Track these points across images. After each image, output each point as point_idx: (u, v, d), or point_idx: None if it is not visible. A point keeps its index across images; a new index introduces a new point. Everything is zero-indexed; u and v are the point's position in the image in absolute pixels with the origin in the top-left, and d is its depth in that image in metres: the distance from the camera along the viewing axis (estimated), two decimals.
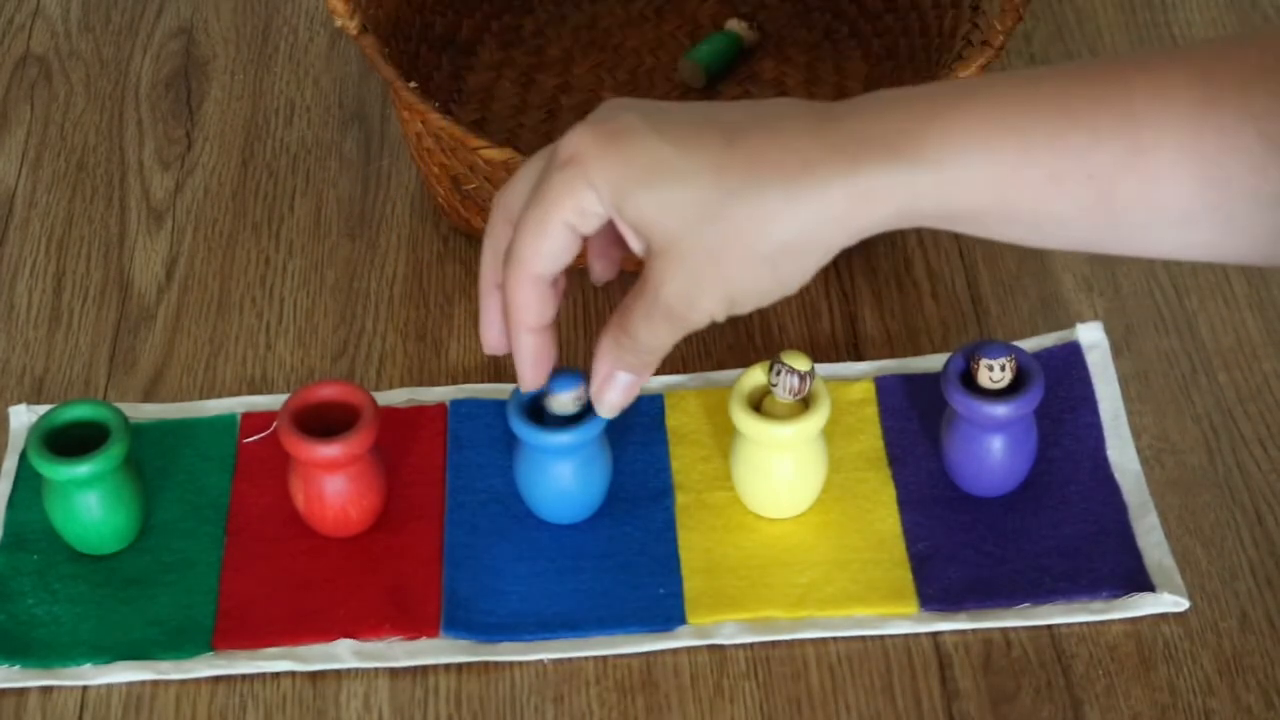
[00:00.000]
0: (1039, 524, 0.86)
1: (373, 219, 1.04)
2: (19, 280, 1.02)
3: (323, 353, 0.97)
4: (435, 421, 0.92)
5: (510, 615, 0.84)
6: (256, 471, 0.90)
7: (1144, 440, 0.90)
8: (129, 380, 0.96)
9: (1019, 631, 0.83)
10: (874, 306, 0.98)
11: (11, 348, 0.98)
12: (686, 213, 0.71)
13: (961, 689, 0.81)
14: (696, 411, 0.92)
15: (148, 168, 1.08)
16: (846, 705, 0.81)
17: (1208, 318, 0.96)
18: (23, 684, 0.82)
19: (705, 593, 0.84)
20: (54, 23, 1.18)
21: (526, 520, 0.88)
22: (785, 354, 0.84)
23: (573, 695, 0.82)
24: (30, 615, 0.84)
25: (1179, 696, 0.80)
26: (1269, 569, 0.85)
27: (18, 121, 1.11)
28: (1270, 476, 0.89)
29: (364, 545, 0.87)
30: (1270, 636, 0.82)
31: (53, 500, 0.85)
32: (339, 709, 0.82)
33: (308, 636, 0.83)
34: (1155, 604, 0.83)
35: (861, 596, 0.84)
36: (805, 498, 0.87)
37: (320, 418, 0.85)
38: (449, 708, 0.82)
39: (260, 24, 1.17)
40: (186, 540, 0.87)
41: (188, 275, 1.01)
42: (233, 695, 0.82)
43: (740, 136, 0.71)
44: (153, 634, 0.84)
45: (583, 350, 0.96)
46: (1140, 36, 1.12)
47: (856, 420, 0.91)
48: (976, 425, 0.85)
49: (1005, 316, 0.97)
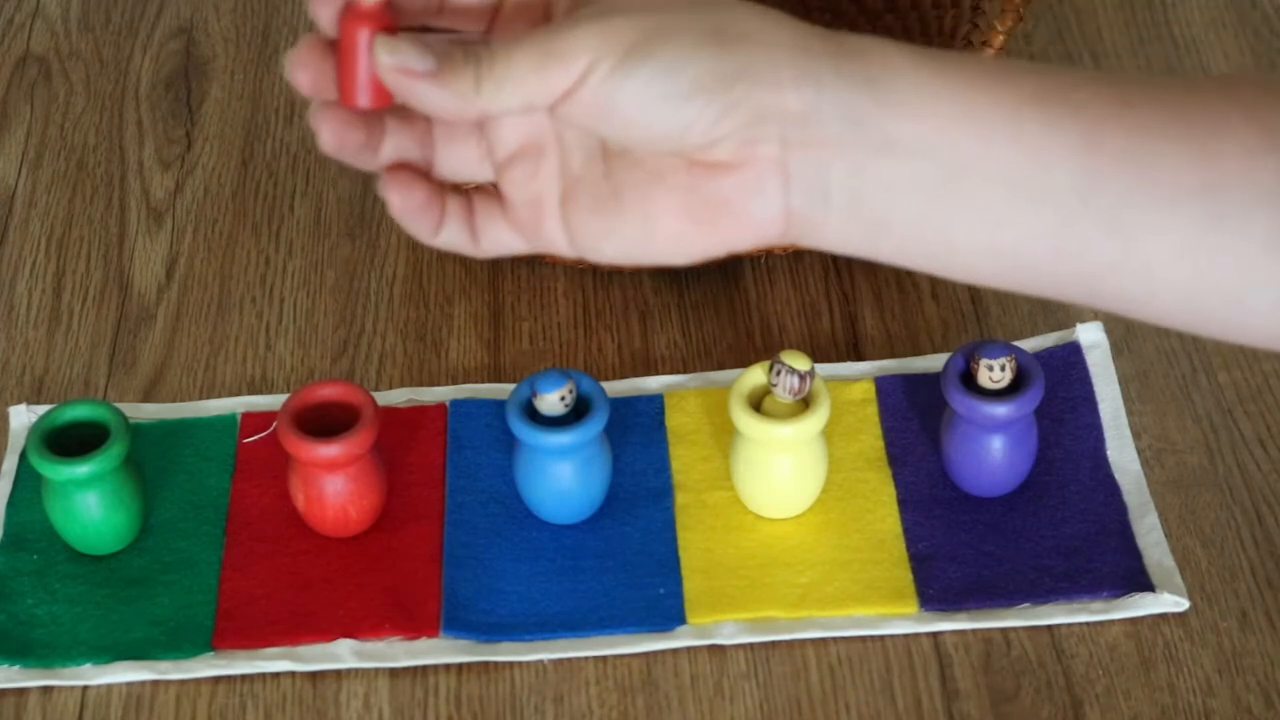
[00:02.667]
0: (1039, 524, 0.86)
1: (373, 219, 1.04)
2: (19, 280, 1.02)
3: (323, 353, 0.97)
4: (435, 421, 0.92)
5: (510, 615, 0.84)
6: (256, 471, 0.90)
7: (1144, 440, 0.90)
8: (129, 380, 0.96)
9: (1019, 631, 0.83)
10: (874, 306, 0.98)
11: (11, 348, 0.98)
12: None
13: (961, 689, 0.81)
14: (696, 411, 0.92)
15: (148, 168, 1.08)
16: (846, 705, 0.81)
17: None
18: (23, 684, 0.82)
19: (705, 593, 0.84)
20: (54, 23, 1.18)
21: (526, 520, 0.88)
22: (785, 354, 0.84)
23: (573, 695, 0.82)
24: (30, 615, 0.84)
25: (1179, 696, 0.81)
26: (1269, 569, 0.85)
27: (18, 121, 1.11)
28: (1270, 476, 0.89)
29: (364, 545, 0.87)
30: (1270, 636, 0.82)
31: (53, 500, 0.85)
32: (339, 709, 0.82)
33: (308, 636, 0.83)
34: (1155, 604, 0.83)
35: (861, 596, 0.84)
36: (805, 498, 0.87)
37: (320, 418, 0.85)
38: (449, 708, 0.82)
39: (260, 24, 1.17)
40: (186, 540, 0.87)
41: (188, 275, 1.01)
42: (233, 695, 0.82)
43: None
44: (153, 634, 0.84)
45: (582, 351, 0.96)
46: (1140, 36, 1.12)
47: (856, 420, 0.91)
48: (976, 425, 0.85)
49: (1005, 316, 0.97)
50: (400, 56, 0.62)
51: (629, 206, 0.64)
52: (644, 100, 0.60)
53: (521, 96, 0.61)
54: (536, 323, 0.98)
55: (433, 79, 0.61)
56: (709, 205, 0.62)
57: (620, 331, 0.97)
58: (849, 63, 0.61)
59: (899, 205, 0.62)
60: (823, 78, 0.61)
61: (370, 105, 0.63)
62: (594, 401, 0.85)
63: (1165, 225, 0.62)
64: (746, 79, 0.60)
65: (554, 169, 0.65)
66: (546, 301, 0.99)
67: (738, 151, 0.61)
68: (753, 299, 0.99)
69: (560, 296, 0.99)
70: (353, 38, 0.63)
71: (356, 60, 0.63)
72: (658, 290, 1.00)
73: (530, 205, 0.65)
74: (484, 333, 0.98)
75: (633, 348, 0.97)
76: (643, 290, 1.00)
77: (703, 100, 0.60)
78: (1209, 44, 1.11)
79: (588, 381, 0.86)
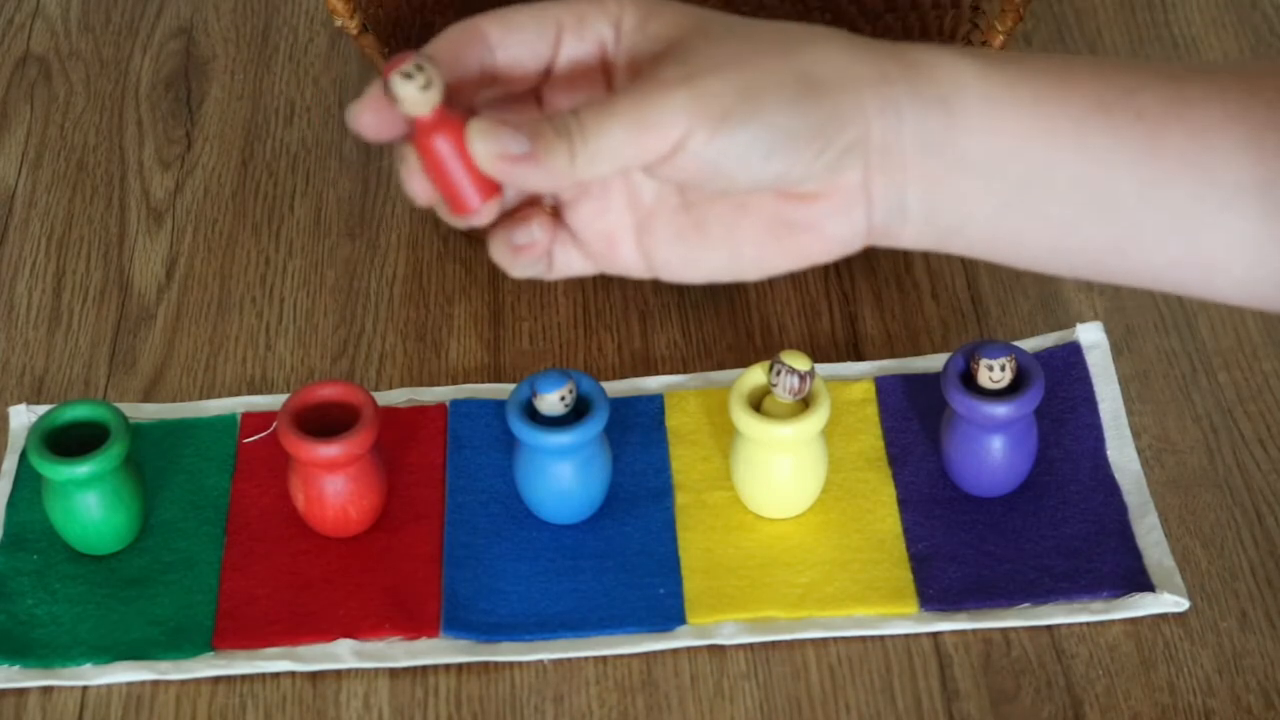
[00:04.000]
0: (1039, 524, 0.86)
1: (373, 219, 1.04)
2: (19, 280, 1.02)
3: (323, 353, 0.97)
4: (435, 421, 0.92)
5: (510, 615, 0.84)
6: (256, 471, 0.90)
7: (1144, 440, 0.90)
8: (129, 380, 0.96)
9: (1019, 631, 0.83)
10: (874, 306, 0.98)
11: (11, 348, 0.98)
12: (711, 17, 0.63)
13: (961, 689, 0.81)
14: (696, 411, 0.92)
15: (148, 168, 1.08)
16: (846, 705, 0.81)
17: (1208, 317, 0.96)
18: (23, 684, 0.82)
19: (705, 593, 0.84)
20: (54, 23, 1.18)
21: (526, 520, 0.88)
22: (785, 354, 0.84)
23: (573, 695, 0.82)
24: (30, 615, 0.84)
25: (1179, 696, 0.81)
26: (1269, 569, 0.85)
27: (18, 121, 1.11)
28: (1270, 476, 0.89)
29: (364, 545, 0.87)
30: (1270, 636, 0.82)
31: (53, 500, 0.85)
32: (339, 709, 0.82)
33: (308, 636, 0.83)
34: (1155, 604, 0.83)
35: (861, 596, 0.84)
36: (805, 498, 0.87)
37: (320, 418, 0.85)
38: (449, 708, 0.82)
39: (260, 24, 1.17)
40: (186, 540, 0.87)
41: (188, 275, 1.01)
42: (233, 695, 0.82)
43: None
44: (153, 634, 0.84)
45: (582, 351, 0.96)
46: (1140, 36, 1.12)
47: (856, 420, 0.91)
48: (976, 425, 0.85)
49: (1005, 316, 0.97)
50: (497, 143, 0.61)
51: (714, 236, 0.65)
52: (744, 161, 0.61)
53: (618, 165, 0.61)
54: (536, 323, 0.98)
55: (529, 160, 0.61)
56: (795, 230, 0.64)
57: (620, 331, 0.97)
58: (925, 85, 0.63)
59: (971, 215, 0.65)
60: (901, 106, 0.63)
61: (483, 203, 0.62)
62: (594, 401, 0.85)
63: (1225, 221, 0.64)
64: (837, 122, 0.62)
65: (623, 204, 0.65)
66: (546, 301, 0.99)
67: (824, 183, 0.63)
68: (753, 299, 0.99)
69: (560, 296, 0.99)
70: (432, 149, 0.62)
71: (447, 168, 0.62)
72: (658, 290, 1.00)
73: (603, 239, 0.66)
74: (484, 333, 0.98)
75: (633, 348, 0.97)
76: (643, 290, 1.00)
77: (799, 151, 0.61)
78: (1209, 44, 1.11)
79: (588, 381, 0.86)
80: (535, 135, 0.61)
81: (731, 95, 0.60)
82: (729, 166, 0.61)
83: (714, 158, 0.61)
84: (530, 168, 0.61)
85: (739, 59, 0.61)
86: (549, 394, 0.84)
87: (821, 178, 0.63)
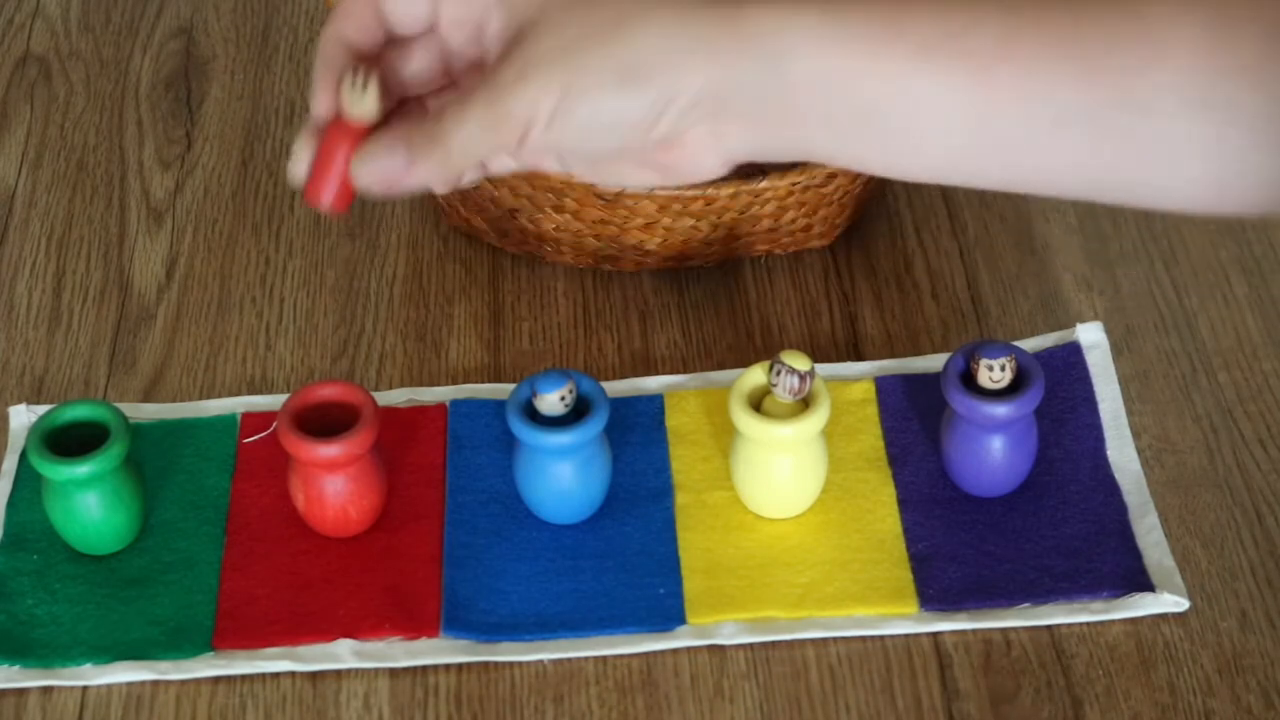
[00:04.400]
0: (1039, 524, 0.86)
1: (373, 219, 1.04)
2: (19, 280, 1.02)
3: (323, 353, 0.97)
4: (435, 421, 0.92)
5: (510, 615, 0.84)
6: (256, 471, 0.90)
7: (1144, 440, 0.90)
8: (129, 380, 0.96)
9: (1019, 631, 0.83)
10: (874, 306, 0.98)
11: (11, 348, 0.98)
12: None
13: (961, 689, 0.81)
14: (696, 411, 0.92)
15: (148, 168, 1.08)
16: (846, 705, 0.81)
17: (1208, 318, 0.96)
18: (23, 684, 0.82)
19: (705, 593, 0.84)
20: (54, 23, 1.18)
21: (526, 520, 0.88)
22: (785, 354, 0.84)
23: (573, 695, 0.82)
24: (30, 615, 0.84)
25: (1179, 696, 0.80)
26: (1269, 569, 0.85)
27: (18, 121, 1.11)
28: (1270, 476, 0.89)
29: (364, 545, 0.87)
30: (1270, 636, 0.82)
31: (53, 500, 0.85)
32: (339, 709, 0.82)
33: (308, 636, 0.83)
34: (1155, 604, 0.83)
35: (861, 596, 0.84)
36: (805, 498, 0.87)
37: (320, 418, 0.85)
38: (449, 708, 0.82)
39: (260, 24, 1.17)
40: (186, 540, 0.87)
41: (188, 275, 1.01)
42: (233, 695, 0.82)
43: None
44: (153, 634, 0.84)
45: (582, 351, 0.96)
46: None
47: (856, 420, 0.91)
48: (976, 425, 0.85)
49: (1005, 316, 0.97)
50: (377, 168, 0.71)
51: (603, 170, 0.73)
52: (582, 142, 0.69)
53: (480, 157, 0.70)
54: (536, 323, 0.98)
55: (408, 174, 0.70)
56: (666, 168, 0.71)
57: (620, 331, 0.98)
58: (755, 54, 0.67)
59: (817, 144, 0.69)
60: (731, 72, 0.67)
61: (334, 207, 0.72)
62: (594, 401, 0.85)
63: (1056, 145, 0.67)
64: (661, 102, 0.67)
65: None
66: (546, 301, 0.99)
67: (674, 141, 0.69)
68: (753, 299, 0.99)
69: (560, 296, 0.99)
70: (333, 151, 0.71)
71: (332, 171, 0.72)
72: (658, 290, 1.00)
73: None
74: (484, 333, 0.98)
75: (633, 348, 0.97)
76: (643, 290, 1.00)
77: (631, 130, 0.68)
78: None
79: (588, 381, 0.86)
80: (409, 145, 0.70)
81: (557, 92, 0.67)
82: (571, 146, 0.69)
83: (556, 141, 0.69)
84: (410, 179, 0.70)
85: (566, 52, 0.67)
86: (549, 394, 0.84)
87: (666, 140, 0.69)
